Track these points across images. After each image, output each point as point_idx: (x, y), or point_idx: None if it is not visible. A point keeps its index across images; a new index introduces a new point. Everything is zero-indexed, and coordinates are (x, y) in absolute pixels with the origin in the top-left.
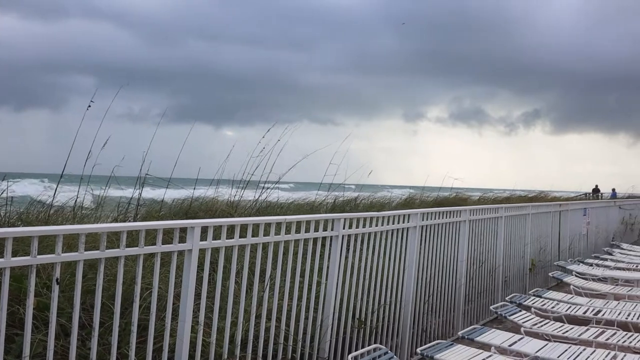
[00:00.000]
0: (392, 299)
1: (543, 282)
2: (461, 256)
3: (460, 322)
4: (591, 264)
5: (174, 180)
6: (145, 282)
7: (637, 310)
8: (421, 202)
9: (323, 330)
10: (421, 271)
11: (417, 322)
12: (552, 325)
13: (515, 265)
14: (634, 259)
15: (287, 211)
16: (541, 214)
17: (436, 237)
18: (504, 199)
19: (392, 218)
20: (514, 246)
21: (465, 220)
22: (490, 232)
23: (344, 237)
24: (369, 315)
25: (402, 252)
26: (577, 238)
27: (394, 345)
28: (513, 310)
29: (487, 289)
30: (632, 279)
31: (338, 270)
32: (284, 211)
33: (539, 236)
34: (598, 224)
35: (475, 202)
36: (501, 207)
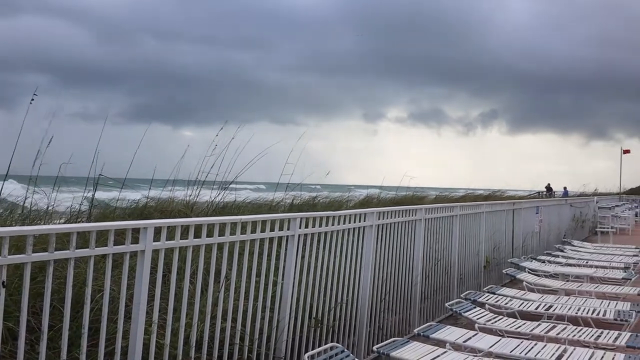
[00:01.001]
0: (349, 297)
1: (497, 279)
2: (417, 254)
3: (416, 319)
4: (543, 261)
5: (130, 181)
6: (99, 284)
7: (586, 305)
8: (379, 201)
9: (279, 330)
10: (378, 270)
11: (374, 320)
12: (506, 321)
13: (470, 263)
14: (584, 256)
15: (245, 211)
16: (495, 212)
17: (392, 236)
18: (460, 198)
19: (349, 217)
20: (469, 244)
21: (421, 219)
22: (446, 230)
23: (300, 237)
24: (326, 314)
25: (359, 251)
26: (530, 235)
27: (350, 343)
28: (468, 307)
29: (442, 286)
30: (582, 275)
31: (294, 270)
32: (241, 211)
33: (493, 234)
34: (550, 221)
35: (432, 201)
36: (456, 206)
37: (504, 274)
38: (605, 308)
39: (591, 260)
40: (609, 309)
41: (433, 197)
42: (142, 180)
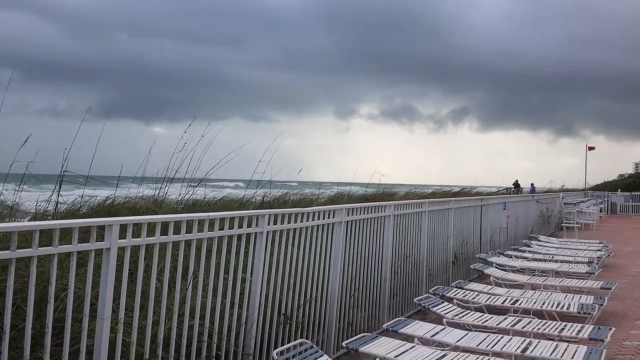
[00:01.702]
0: (318, 294)
1: (465, 274)
2: (386, 250)
3: (385, 315)
4: (510, 256)
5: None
6: (64, 282)
7: (551, 299)
8: (349, 198)
9: (248, 326)
10: (347, 266)
11: (343, 316)
12: (473, 316)
13: (439, 259)
14: (550, 251)
15: (215, 208)
16: (463, 208)
17: (362, 232)
18: (429, 194)
19: (318, 214)
20: (437, 240)
21: (390, 215)
22: (415, 226)
23: (269, 233)
24: (295, 310)
25: (328, 247)
26: (497, 231)
27: (320, 339)
28: (436, 302)
29: (411, 282)
30: (548, 270)
31: (263, 267)
32: (211, 208)
33: (461, 230)
34: (517, 217)
35: (402, 198)
36: (425, 202)
37: (472, 269)
38: (569, 302)
39: (557, 255)
40: (572, 303)
41: (403, 193)
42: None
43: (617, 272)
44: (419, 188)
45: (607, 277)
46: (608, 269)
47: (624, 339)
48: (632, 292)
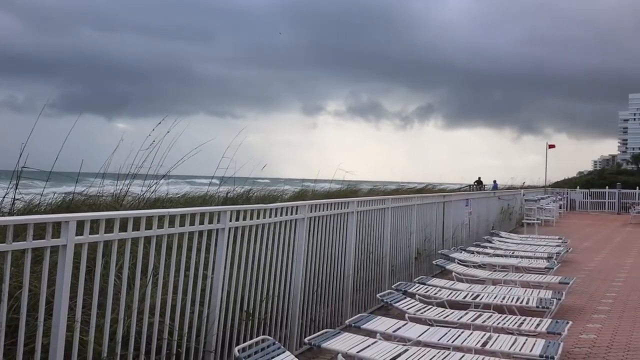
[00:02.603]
0: (281, 290)
1: (428, 269)
2: (349, 246)
3: (348, 310)
4: (472, 252)
5: (59, 175)
6: (19, 280)
7: (511, 294)
8: (313, 194)
9: (210, 323)
10: (310, 262)
11: (306, 313)
12: (435, 311)
13: (402, 255)
14: (510, 246)
15: (177, 205)
16: (426, 205)
17: (325, 229)
18: (393, 191)
19: (280, 210)
20: (400, 236)
21: (353, 212)
22: (378, 223)
23: (230, 230)
24: (258, 307)
25: (291, 243)
26: (459, 227)
27: (282, 336)
28: (398, 297)
29: (374, 278)
30: (508, 265)
31: (225, 263)
32: (173, 204)
33: (424, 226)
34: (479, 213)
35: (366, 194)
36: (388, 199)
37: (434, 265)
38: (528, 296)
39: (517, 250)
40: (532, 297)
41: (367, 190)
42: (73, 173)
43: (575, 267)
44: (383, 185)
45: (566, 272)
46: (566, 264)
47: (580, 332)
48: (589, 287)
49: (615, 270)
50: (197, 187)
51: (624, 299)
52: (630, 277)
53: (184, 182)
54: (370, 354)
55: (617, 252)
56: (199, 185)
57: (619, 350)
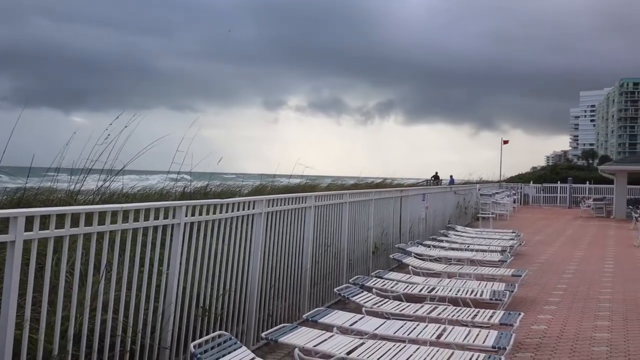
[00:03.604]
0: (238, 285)
1: (385, 263)
2: (307, 241)
3: (306, 305)
4: (429, 246)
5: (12, 169)
6: None
7: (466, 287)
8: (272, 189)
9: (165, 319)
10: (268, 257)
11: (264, 307)
12: (391, 304)
13: (360, 249)
14: (466, 240)
15: (133, 200)
16: (384, 199)
17: (283, 223)
18: (351, 186)
19: (237, 205)
20: (358, 230)
21: (310, 206)
22: (336, 217)
23: (186, 225)
24: (214, 302)
25: (248, 238)
26: (416, 222)
27: (239, 331)
28: (356, 291)
29: (332, 272)
30: (463, 258)
31: (180, 259)
32: (129, 199)
33: (381, 220)
34: (436, 208)
35: (324, 189)
36: (346, 194)
37: (392, 259)
38: (482, 289)
39: (472, 244)
40: (486, 290)
41: (326, 185)
42: (25, 168)
43: (527, 260)
44: (342, 180)
45: (518, 264)
46: (519, 257)
47: (532, 323)
48: (540, 279)
49: (566, 263)
50: (157, 183)
51: (574, 291)
52: (579, 269)
53: (146, 177)
54: (326, 348)
55: (568, 245)
56: (162, 180)
57: (568, 340)
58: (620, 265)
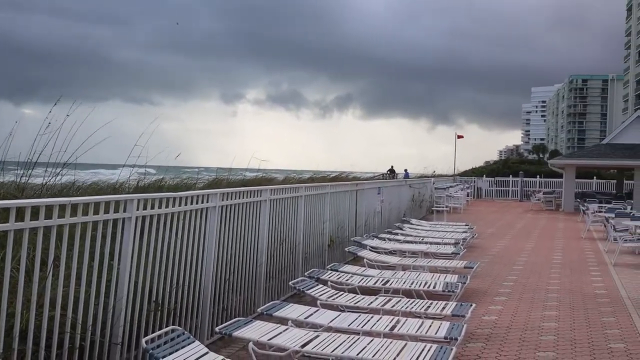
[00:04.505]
0: (192, 279)
1: (341, 257)
2: (262, 235)
3: (261, 298)
4: (384, 239)
5: None
6: None
7: (419, 279)
8: (228, 183)
9: (116, 315)
10: (222, 250)
11: (218, 302)
12: (346, 297)
13: (315, 242)
14: (420, 233)
15: (85, 193)
16: (339, 193)
17: (237, 217)
18: (307, 179)
19: (191, 198)
20: (313, 224)
21: (266, 200)
22: (291, 211)
23: (138, 219)
24: (167, 297)
25: (202, 232)
26: (372, 215)
27: (193, 325)
28: (311, 284)
29: (288, 265)
30: (417, 251)
31: (132, 253)
32: (80, 193)
33: (337, 214)
34: (391, 201)
35: (280, 183)
36: (301, 187)
37: (347, 252)
38: (436, 281)
39: (427, 237)
40: (439, 282)
41: (282, 178)
42: None
43: (480, 252)
44: (299, 173)
45: (471, 257)
46: (472, 250)
47: (483, 314)
48: (492, 271)
49: (517, 255)
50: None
51: (524, 282)
52: (529, 261)
53: (111, 172)
54: (281, 341)
55: (518, 237)
56: (128, 174)
57: (517, 330)
58: (568, 256)
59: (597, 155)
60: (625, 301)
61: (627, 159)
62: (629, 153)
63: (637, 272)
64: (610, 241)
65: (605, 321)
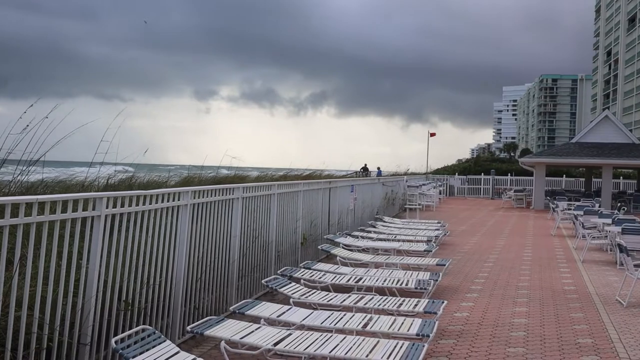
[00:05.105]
0: (163, 278)
1: (314, 254)
2: (235, 233)
3: (234, 297)
4: (357, 236)
5: None
6: None
7: (392, 276)
8: (200, 181)
9: (84, 315)
10: (194, 249)
11: (190, 301)
12: (319, 295)
13: (288, 240)
14: (393, 231)
15: (54, 191)
16: (312, 191)
17: (209, 215)
18: (281, 177)
19: (162, 196)
20: (286, 222)
21: (238, 198)
22: (264, 208)
23: (107, 217)
24: (138, 296)
25: (174, 230)
26: (345, 213)
27: (164, 325)
28: (284, 282)
29: (260, 263)
30: (390, 249)
31: (101, 252)
32: (49, 191)
33: (310, 212)
34: (364, 199)
35: (253, 180)
36: (274, 185)
37: (320, 250)
38: (408, 278)
39: (399, 234)
40: (411, 279)
41: (255, 176)
42: None
43: (452, 249)
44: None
45: (443, 254)
46: (444, 247)
47: (455, 311)
48: (464, 268)
49: (488, 252)
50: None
51: (495, 278)
52: (500, 258)
53: (86, 169)
54: (253, 340)
55: (490, 235)
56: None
57: (488, 326)
58: (538, 253)
59: (567, 153)
60: (593, 297)
61: (596, 158)
62: (597, 152)
63: (604, 268)
64: (579, 238)
65: (574, 317)
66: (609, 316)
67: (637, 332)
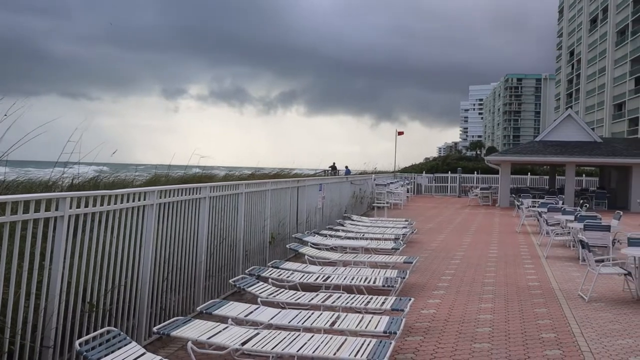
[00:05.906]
0: (129, 279)
1: (282, 253)
2: (202, 232)
3: (201, 297)
4: (325, 235)
5: None
6: None
7: (360, 274)
8: (166, 180)
9: (47, 317)
10: (160, 249)
11: (156, 301)
12: (287, 294)
13: (256, 239)
14: (361, 229)
15: (16, 191)
16: (280, 189)
17: (176, 215)
18: (249, 176)
19: (127, 196)
20: (254, 221)
21: (205, 197)
22: (232, 208)
23: (71, 217)
24: (102, 297)
25: (139, 230)
26: (313, 211)
27: (130, 326)
28: (252, 282)
29: (228, 263)
30: (358, 247)
31: (65, 253)
32: (11, 191)
33: (278, 211)
34: (332, 198)
35: (221, 180)
36: (242, 184)
37: (288, 249)
38: (376, 276)
39: (367, 233)
40: (379, 277)
41: (223, 175)
42: None
43: (419, 247)
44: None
45: (411, 252)
46: (412, 245)
47: (422, 308)
48: (431, 265)
49: (455, 249)
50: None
51: (461, 275)
52: (466, 255)
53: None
54: (220, 340)
55: (456, 232)
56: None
57: (455, 322)
58: (503, 250)
59: (531, 152)
60: (556, 292)
61: (559, 156)
62: (560, 150)
63: (567, 264)
64: (543, 235)
65: (538, 312)
66: (572, 311)
67: (598, 326)
